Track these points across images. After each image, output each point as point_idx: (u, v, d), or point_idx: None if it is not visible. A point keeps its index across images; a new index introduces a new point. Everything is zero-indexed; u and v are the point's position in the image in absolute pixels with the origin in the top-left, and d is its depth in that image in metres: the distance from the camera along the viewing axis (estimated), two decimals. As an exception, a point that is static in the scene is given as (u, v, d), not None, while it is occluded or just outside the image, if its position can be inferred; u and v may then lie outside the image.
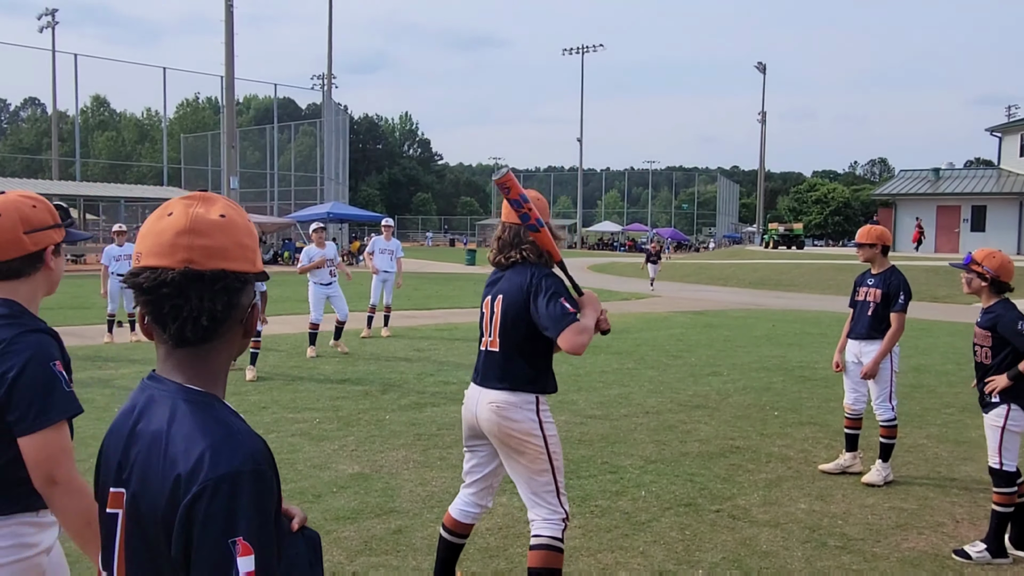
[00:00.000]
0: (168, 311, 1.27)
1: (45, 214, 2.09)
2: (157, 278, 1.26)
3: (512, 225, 3.35)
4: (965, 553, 4.38)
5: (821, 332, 14.85)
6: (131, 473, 1.26)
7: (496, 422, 3.26)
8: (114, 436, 1.34)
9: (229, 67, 33.79)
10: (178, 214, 1.30)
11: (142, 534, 1.24)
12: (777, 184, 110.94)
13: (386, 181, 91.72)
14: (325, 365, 10.13)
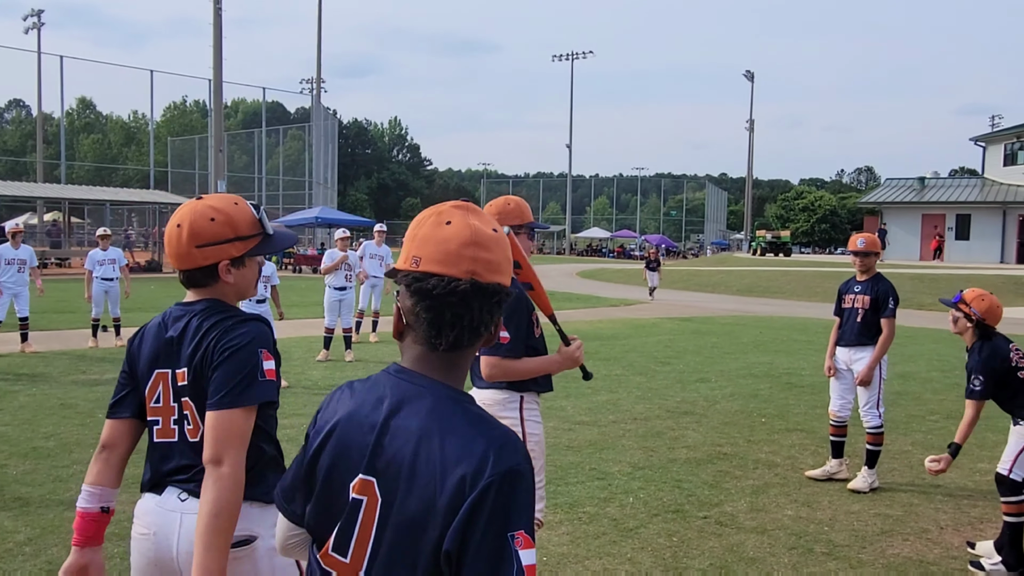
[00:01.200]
0: (450, 318, 1.32)
1: (222, 227, 2.07)
2: (447, 287, 1.31)
3: None
4: (980, 565, 4.37)
5: (808, 339, 14.92)
6: (389, 464, 1.30)
7: None
8: (357, 425, 1.36)
9: (217, 70, 33.69)
10: (458, 224, 1.35)
11: (399, 521, 1.27)
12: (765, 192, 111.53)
13: (375, 186, 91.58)
14: (313, 371, 10.09)
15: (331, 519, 1.35)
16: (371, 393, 1.39)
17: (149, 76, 43.58)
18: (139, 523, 2.08)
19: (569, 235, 74.83)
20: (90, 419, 7.19)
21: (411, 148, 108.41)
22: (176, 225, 2.06)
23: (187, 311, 2.12)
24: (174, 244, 2.07)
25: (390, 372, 1.40)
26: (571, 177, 76.51)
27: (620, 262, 57.12)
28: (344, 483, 1.34)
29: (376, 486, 1.31)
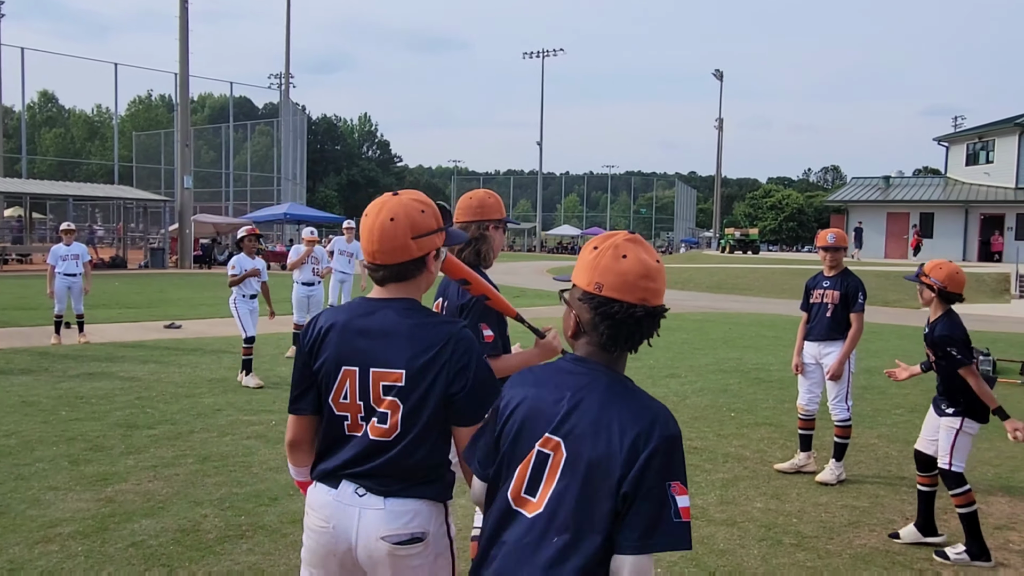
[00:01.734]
0: (626, 335, 1.74)
1: (431, 219, 2.17)
2: (626, 312, 1.72)
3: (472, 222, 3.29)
4: (945, 554, 4.45)
5: (776, 335, 15.09)
6: (573, 429, 1.69)
7: None
8: (544, 399, 1.75)
9: (183, 64, 33.22)
10: (632, 259, 1.74)
11: (583, 471, 1.65)
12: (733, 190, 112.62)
13: (344, 182, 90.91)
14: (282, 368, 9.99)
15: (514, 470, 1.74)
16: (554, 376, 1.79)
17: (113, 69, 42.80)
18: (316, 515, 2.13)
19: (540, 232, 74.93)
20: (52, 416, 7.05)
21: (381, 144, 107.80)
22: (389, 219, 2.09)
23: (384, 307, 2.15)
24: (389, 237, 2.10)
25: (568, 361, 1.81)
26: (542, 175, 76.60)
27: (590, 259, 57.26)
28: (531, 443, 1.74)
29: (563, 445, 1.69)
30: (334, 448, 2.12)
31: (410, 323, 2.10)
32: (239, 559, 4.13)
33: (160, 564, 4.04)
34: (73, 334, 11.70)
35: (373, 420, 2.07)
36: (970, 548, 4.41)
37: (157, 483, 5.32)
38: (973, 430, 4.50)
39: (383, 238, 2.10)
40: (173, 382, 8.79)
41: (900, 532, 4.76)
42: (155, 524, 4.57)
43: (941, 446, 4.53)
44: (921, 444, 4.80)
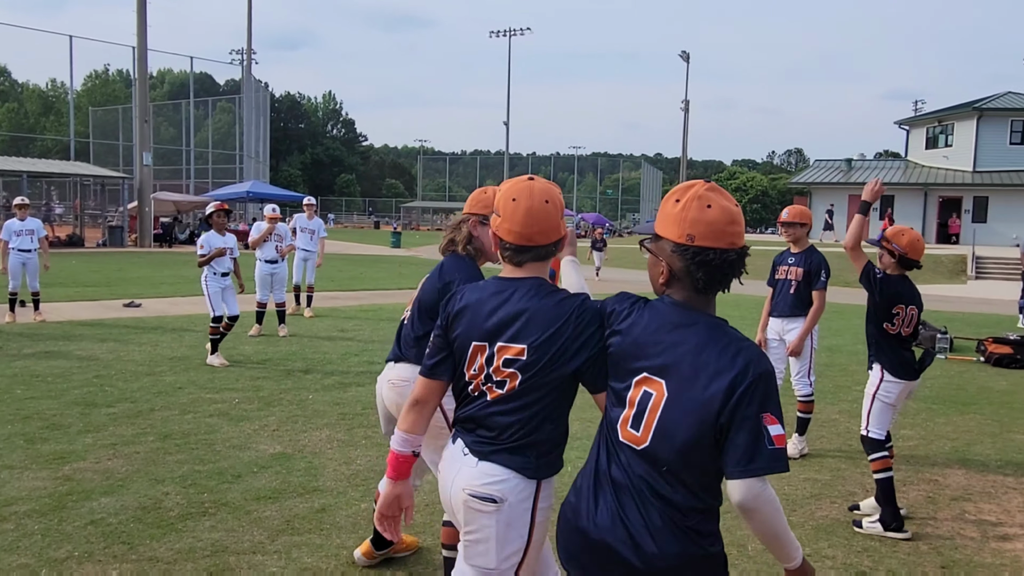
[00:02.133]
0: (720, 278, 1.94)
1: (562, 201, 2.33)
2: (721, 257, 1.91)
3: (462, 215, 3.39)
4: (859, 523, 4.54)
5: (741, 314, 15.22)
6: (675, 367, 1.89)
7: (395, 400, 3.29)
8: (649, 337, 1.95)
9: (141, 37, 32.40)
10: (717, 207, 1.91)
11: (684, 405, 1.85)
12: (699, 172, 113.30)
13: (309, 161, 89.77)
14: (245, 346, 9.86)
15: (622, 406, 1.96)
16: (656, 319, 1.98)
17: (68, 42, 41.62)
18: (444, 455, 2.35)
19: (506, 213, 74.75)
20: (7, 395, 6.88)
21: (346, 123, 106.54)
22: (544, 201, 2.20)
23: (518, 286, 2.23)
24: (548, 219, 2.21)
25: (667, 304, 1.99)
26: (508, 155, 76.36)
27: (557, 240, 57.40)
28: (632, 375, 1.95)
29: (664, 385, 1.89)
30: (459, 408, 2.31)
31: (541, 301, 2.18)
32: (202, 536, 4.07)
33: (120, 542, 3.96)
34: (28, 312, 11.42)
35: (492, 387, 2.20)
36: (883, 516, 4.49)
37: (117, 461, 5.22)
38: (890, 396, 4.61)
39: (543, 220, 2.20)
40: (133, 360, 8.63)
41: (860, 504, 4.85)
42: (115, 502, 4.48)
43: (863, 411, 4.67)
44: None
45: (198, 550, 3.90)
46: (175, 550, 3.89)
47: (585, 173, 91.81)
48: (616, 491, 1.93)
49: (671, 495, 1.88)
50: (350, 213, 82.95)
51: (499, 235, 2.23)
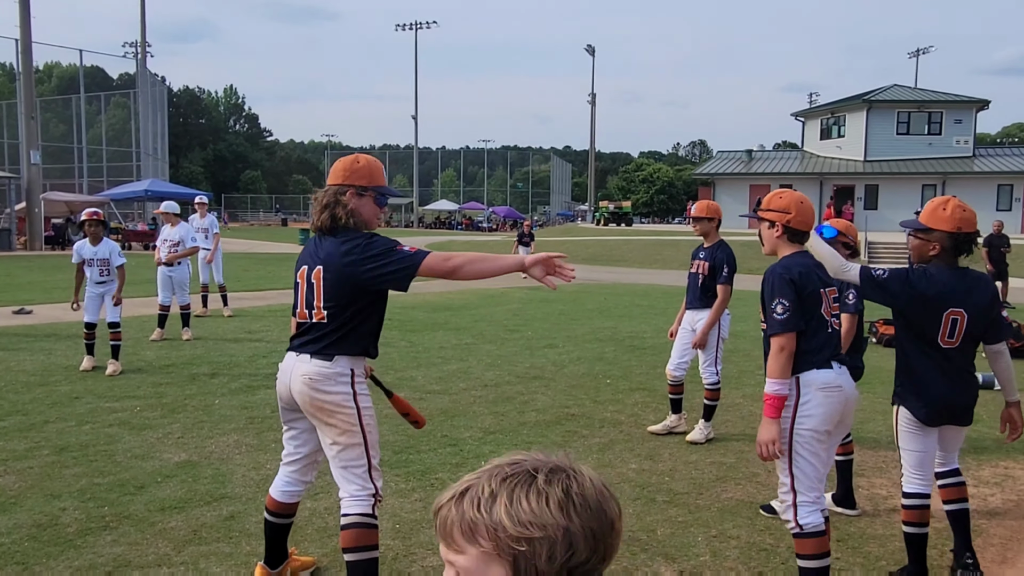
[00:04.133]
0: (968, 249, 3.63)
1: None
2: (971, 238, 3.60)
3: (331, 187, 3.28)
4: (771, 508, 4.59)
5: (649, 304, 15.63)
6: (974, 304, 3.59)
7: (308, 394, 3.17)
8: (954, 284, 3.58)
9: (24, 29, 30.66)
10: (969, 211, 3.63)
11: (974, 324, 3.59)
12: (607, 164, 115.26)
13: (211, 158, 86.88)
14: (146, 351, 9.50)
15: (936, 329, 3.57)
16: (943, 275, 3.56)
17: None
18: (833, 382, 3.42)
19: (417, 208, 74.30)
20: None
21: (249, 118, 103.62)
22: None
23: None
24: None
25: (938, 268, 3.58)
26: (418, 149, 75.79)
27: (469, 234, 57.41)
28: (944, 311, 3.55)
29: (965, 315, 3.55)
30: (826, 343, 3.40)
31: None
32: (103, 551, 3.91)
33: (14, 563, 3.77)
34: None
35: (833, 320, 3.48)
36: (837, 493, 4.72)
37: (8, 478, 4.95)
38: None
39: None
40: (24, 370, 8.20)
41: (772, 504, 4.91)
42: (7, 521, 4.26)
43: None
44: None
45: (99, 566, 3.75)
46: (74, 567, 3.73)
47: (495, 167, 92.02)
48: (948, 378, 3.59)
49: (968, 366, 3.66)
50: (256, 210, 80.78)
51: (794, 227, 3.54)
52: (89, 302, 8.41)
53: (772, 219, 3.59)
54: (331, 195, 3.24)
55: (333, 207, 3.21)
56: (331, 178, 3.30)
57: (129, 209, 42.22)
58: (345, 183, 3.26)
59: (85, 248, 8.38)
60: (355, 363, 3.25)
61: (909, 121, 40.64)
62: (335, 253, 3.18)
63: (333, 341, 3.18)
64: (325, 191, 3.28)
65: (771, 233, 3.63)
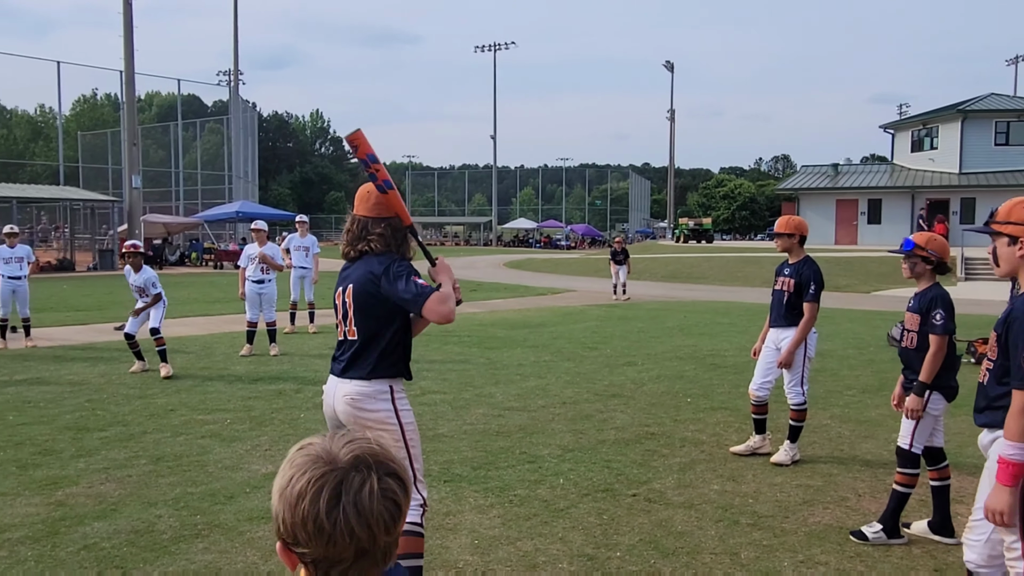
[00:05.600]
0: None
1: None
2: None
3: (360, 217, 3.43)
4: (862, 534, 4.47)
5: (730, 321, 15.31)
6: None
7: (352, 413, 3.35)
8: None
9: (128, 61, 32.44)
10: None
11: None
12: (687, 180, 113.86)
13: (298, 180, 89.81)
14: (236, 366, 9.84)
15: None
16: None
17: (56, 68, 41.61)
18: None
19: (496, 226, 74.91)
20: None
21: (334, 141, 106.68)
22: None
23: None
24: None
25: None
26: (496, 168, 76.56)
27: (547, 252, 57.50)
28: None
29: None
30: None
31: None
32: (195, 558, 4.07)
33: (114, 566, 3.96)
34: (20, 339, 11.38)
35: None
36: (887, 526, 4.47)
37: (109, 485, 5.21)
38: (938, 409, 4.45)
39: None
40: (124, 383, 8.61)
41: (912, 524, 4.67)
42: (108, 526, 4.48)
43: (904, 425, 4.49)
44: None
45: (191, 572, 3.90)
46: (168, 573, 3.89)
47: (573, 184, 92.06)
48: None
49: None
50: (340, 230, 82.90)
51: None
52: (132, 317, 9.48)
53: (1015, 234, 2.92)
54: (361, 226, 3.42)
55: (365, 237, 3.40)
56: (359, 208, 3.45)
57: (221, 230, 43.94)
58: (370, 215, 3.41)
59: (129, 275, 9.51)
60: (393, 381, 3.41)
61: (1008, 131, 38.76)
62: (363, 272, 3.37)
63: (367, 362, 3.36)
64: (354, 222, 3.46)
65: (1011, 252, 2.95)
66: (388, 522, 1.15)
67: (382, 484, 1.15)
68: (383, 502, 1.14)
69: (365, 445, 1.18)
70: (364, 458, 1.16)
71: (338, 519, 1.11)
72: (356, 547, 1.13)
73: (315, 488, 1.13)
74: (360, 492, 1.13)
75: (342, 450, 1.16)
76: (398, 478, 1.18)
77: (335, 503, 1.12)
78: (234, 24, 46.99)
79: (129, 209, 32.92)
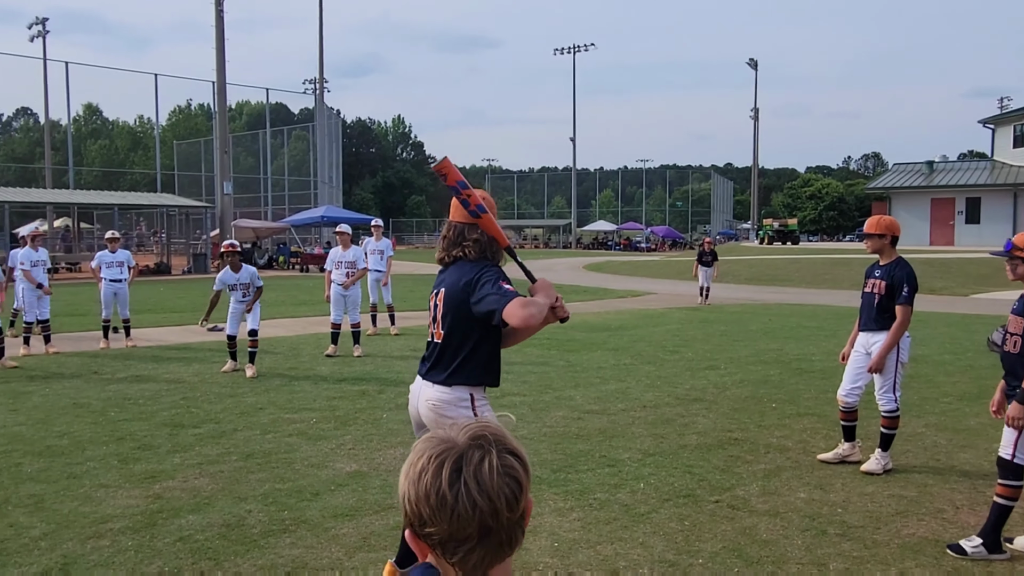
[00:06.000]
0: None
1: None
2: None
3: (456, 224, 3.47)
4: (960, 548, 4.26)
5: (818, 325, 14.87)
6: None
7: (434, 419, 3.40)
8: None
9: (220, 73, 33.74)
10: None
11: None
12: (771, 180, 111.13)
13: (380, 184, 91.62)
14: (321, 366, 10.11)
15: None
16: None
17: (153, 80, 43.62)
18: None
19: (575, 229, 74.73)
20: (102, 417, 7.23)
21: (415, 145, 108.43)
22: None
23: None
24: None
25: None
26: (575, 171, 76.39)
27: (626, 254, 57.03)
28: None
29: None
30: None
31: None
32: (283, 553, 4.19)
33: (207, 558, 4.12)
34: (120, 338, 11.96)
35: None
36: (987, 541, 4.24)
37: (203, 480, 5.42)
38: None
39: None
40: (216, 382, 8.95)
41: (1015, 540, 4.43)
42: (201, 519, 4.66)
43: (1006, 435, 4.27)
44: None
45: (279, 566, 4.02)
46: (258, 566, 4.02)
47: (654, 186, 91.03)
48: None
49: None
50: (421, 233, 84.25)
51: None
52: (232, 318, 9.79)
53: None
54: (457, 232, 3.46)
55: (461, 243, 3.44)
56: (455, 215, 3.48)
57: (307, 234, 45.21)
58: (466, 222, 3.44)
59: (228, 275, 9.63)
60: (474, 389, 3.44)
61: (1122, 124, 36.48)
62: (456, 277, 3.42)
63: (451, 368, 3.40)
64: (451, 228, 3.50)
65: None
66: (510, 497, 1.16)
67: (502, 460, 1.17)
68: (503, 477, 1.16)
69: (483, 425, 1.22)
70: (484, 435, 1.19)
71: (460, 491, 1.14)
72: (480, 522, 1.15)
73: (436, 463, 1.16)
74: (480, 466, 1.15)
75: (460, 432, 1.20)
76: (517, 456, 1.20)
77: (456, 476, 1.14)
78: (319, 34, 48.48)
79: (221, 214, 34.23)
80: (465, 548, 1.16)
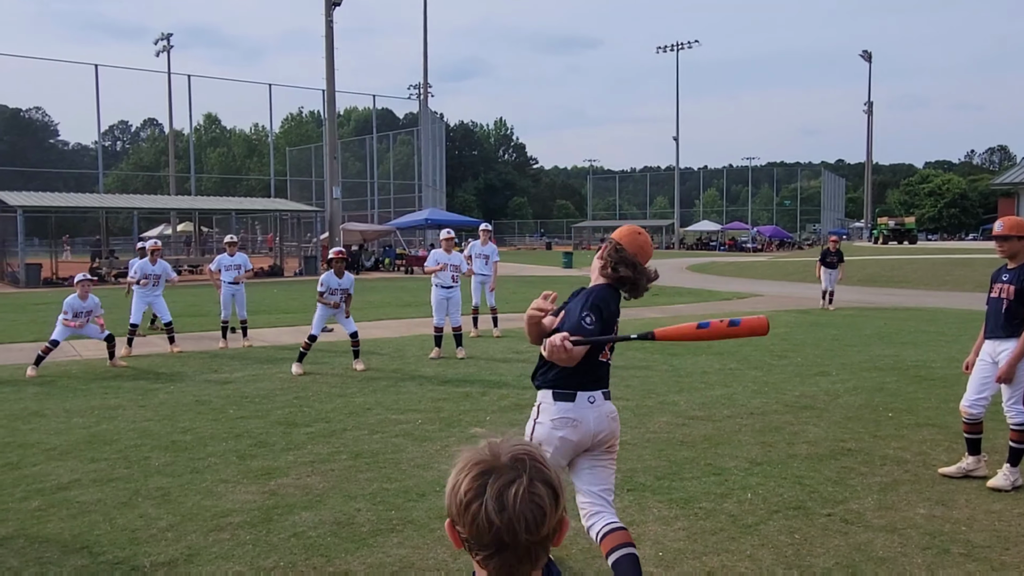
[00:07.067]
0: None
1: None
2: None
3: (615, 243, 3.79)
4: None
5: (938, 330, 14.11)
6: None
7: (616, 430, 3.72)
8: None
9: (330, 81, 34.91)
10: None
11: None
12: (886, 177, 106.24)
13: (482, 187, 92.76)
14: (426, 368, 10.31)
15: None
16: None
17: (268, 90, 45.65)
18: None
19: (678, 229, 73.52)
20: (222, 414, 7.61)
21: (517, 148, 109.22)
22: None
23: None
24: None
25: None
26: (679, 170, 75.16)
27: (731, 255, 55.66)
28: None
29: None
30: None
31: None
32: (390, 552, 4.31)
33: (319, 555, 4.27)
34: (238, 339, 12.56)
35: None
36: None
37: (315, 478, 5.63)
38: None
39: None
40: (327, 382, 9.27)
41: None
42: (313, 516, 4.84)
43: None
44: None
45: (387, 565, 4.13)
46: (367, 564, 4.15)
47: (760, 184, 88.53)
48: None
49: None
50: (523, 235, 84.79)
51: None
52: (320, 320, 10.17)
53: None
54: (611, 249, 3.78)
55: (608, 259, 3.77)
56: (618, 235, 3.83)
57: (411, 236, 46.27)
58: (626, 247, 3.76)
59: (332, 279, 10.10)
60: (544, 395, 3.62)
61: None
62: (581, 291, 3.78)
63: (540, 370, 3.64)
64: (610, 242, 3.83)
65: None
66: (531, 521, 1.21)
67: (532, 488, 1.22)
68: (528, 504, 1.21)
69: (527, 448, 1.27)
70: (521, 459, 1.25)
71: (480, 506, 1.21)
72: (496, 537, 1.21)
73: (470, 474, 1.24)
74: (507, 488, 1.22)
75: (505, 448, 1.27)
76: (550, 485, 1.25)
77: (480, 491, 1.22)
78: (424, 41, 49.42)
79: (330, 218, 35.42)
80: (484, 554, 1.24)
